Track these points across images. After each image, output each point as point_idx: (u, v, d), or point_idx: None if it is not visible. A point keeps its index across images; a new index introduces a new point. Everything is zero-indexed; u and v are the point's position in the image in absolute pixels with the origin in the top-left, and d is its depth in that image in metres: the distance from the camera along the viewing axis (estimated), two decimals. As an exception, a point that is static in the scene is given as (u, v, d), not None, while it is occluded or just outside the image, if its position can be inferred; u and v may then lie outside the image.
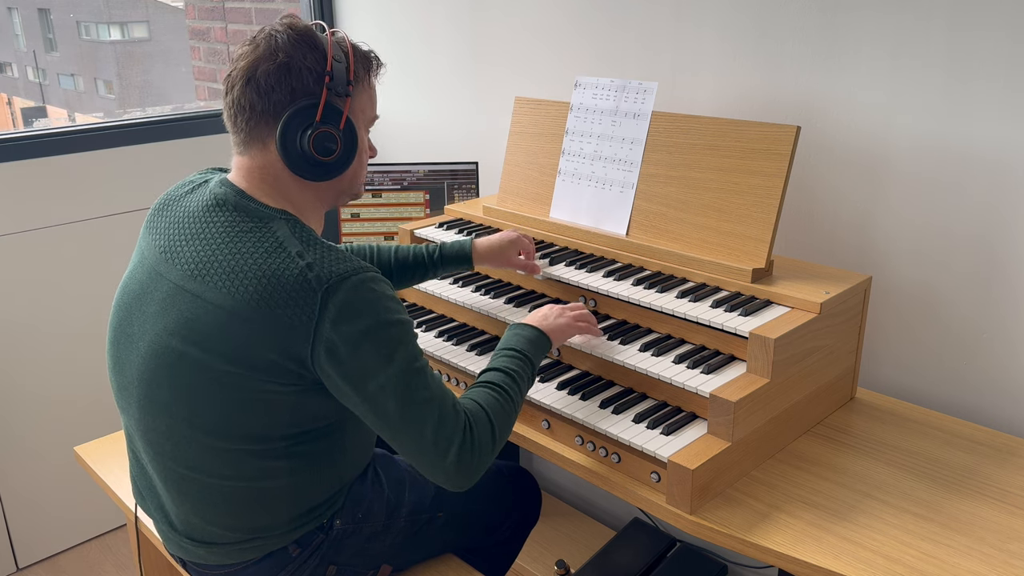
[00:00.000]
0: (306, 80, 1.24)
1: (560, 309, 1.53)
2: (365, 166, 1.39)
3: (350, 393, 1.20)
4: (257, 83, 1.23)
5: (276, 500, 1.30)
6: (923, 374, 1.71)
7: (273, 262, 1.19)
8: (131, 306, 1.30)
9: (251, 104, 1.24)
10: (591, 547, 2.21)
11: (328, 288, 1.17)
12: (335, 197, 1.37)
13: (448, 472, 1.24)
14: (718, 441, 1.34)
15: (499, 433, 1.30)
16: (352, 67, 1.28)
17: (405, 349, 1.22)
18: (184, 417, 1.24)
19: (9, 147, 2.28)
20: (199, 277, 1.21)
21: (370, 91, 1.35)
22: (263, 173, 1.28)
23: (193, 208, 1.30)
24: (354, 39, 1.33)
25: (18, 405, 2.42)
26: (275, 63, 1.23)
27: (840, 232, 1.76)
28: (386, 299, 1.21)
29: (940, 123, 1.57)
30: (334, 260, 1.20)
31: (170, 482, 1.31)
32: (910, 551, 1.21)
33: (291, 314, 1.16)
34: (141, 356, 1.26)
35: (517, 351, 1.41)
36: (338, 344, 1.17)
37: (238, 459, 1.25)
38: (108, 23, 2.99)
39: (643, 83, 1.76)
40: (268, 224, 1.24)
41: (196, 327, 1.20)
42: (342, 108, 1.27)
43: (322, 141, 1.24)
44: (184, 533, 1.35)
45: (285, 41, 1.24)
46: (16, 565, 2.52)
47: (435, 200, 2.37)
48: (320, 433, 1.29)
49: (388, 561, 1.48)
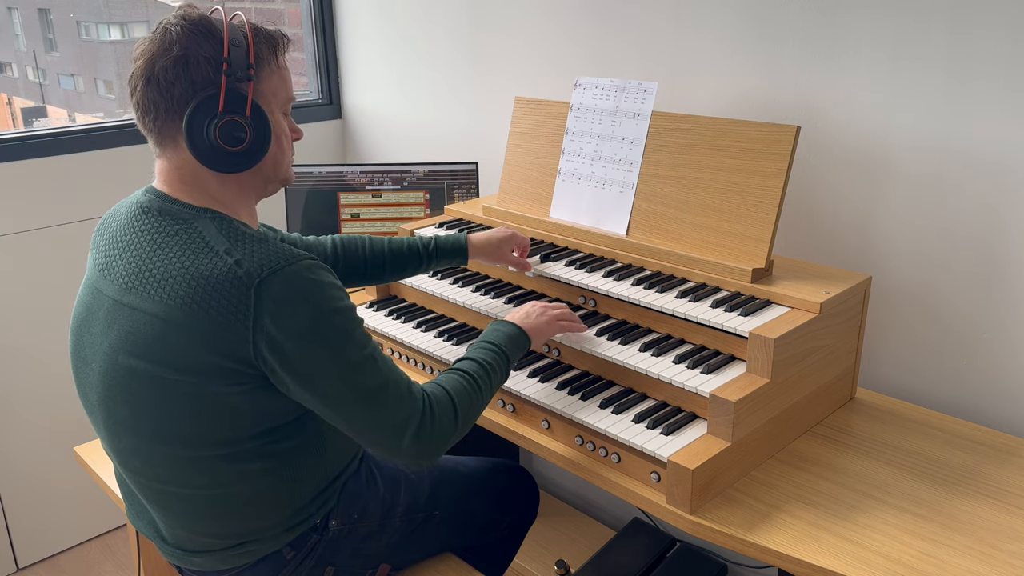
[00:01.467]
0: (205, 70, 1.19)
1: (542, 307, 1.53)
2: (287, 150, 1.32)
3: (298, 388, 1.18)
4: (157, 80, 1.19)
5: (258, 502, 1.28)
6: (923, 374, 1.71)
7: (201, 263, 1.16)
8: (80, 328, 1.29)
9: (154, 103, 1.20)
10: (591, 547, 2.21)
11: (260, 282, 1.14)
12: (262, 186, 1.31)
13: (406, 455, 1.24)
14: (718, 441, 1.34)
15: (462, 418, 1.30)
16: (252, 50, 1.22)
17: (351, 337, 1.20)
18: (147, 433, 1.22)
19: (9, 147, 2.28)
20: (133, 289, 1.19)
21: (280, 71, 1.28)
22: (181, 173, 1.25)
23: (123, 220, 1.28)
24: (254, 20, 1.27)
25: (18, 405, 2.42)
26: (171, 57, 1.18)
27: (840, 232, 1.76)
28: (325, 287, 1.19)
29: (940, 123, 1.57)
30: (264, 253, 1.17)
31: (150, 499, 1.31)
32: (910, 551, 1.21)
33: (225, 314, 1.14)
34: (96, 377, 1.25)
35: (495, 345, 1.42)
36: (280, 340, 1.15)
37: (209, 467, 1.23)
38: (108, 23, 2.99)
39: (643, 83, 1.76)
40: (193, 224, 1.21)
41: (138, 340, 1.18)
42: (246, 93, 1.21)
43: (229, 131, 1.19)
44: (175, 545, 1.35)
45: (179, 33, 1.19)
46: (16, 565, 2.52)
47: (435, 200, 2.37)
48: (289, 430, 1.27)
49: (386, 560, 1.48)
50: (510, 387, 1.55)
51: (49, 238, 2.39)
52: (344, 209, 2.36)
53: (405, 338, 1.78)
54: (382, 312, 1.91)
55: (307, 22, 2.88)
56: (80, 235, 2.43)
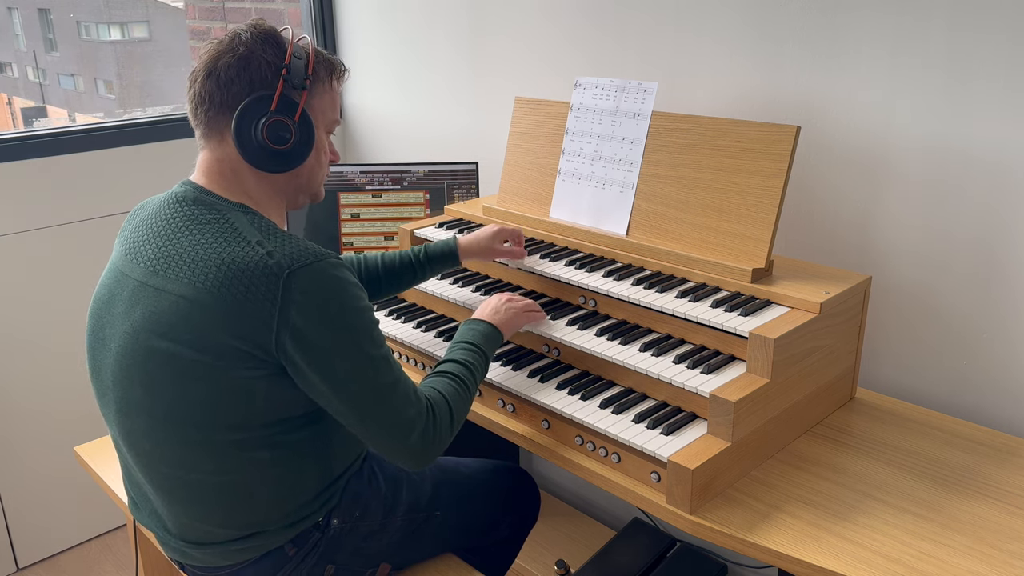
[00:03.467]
0: (264, 73, 1.26)
1: (507, 300, 1.59)
2: (325, 167, 1.40)
3: (315, 379, 1.21)
4: (218, 75, 1.26)
5: (264, 494, 1.29)
6: (923, 374, 1.71)
7: (233, 250, 1.20)
8: (101, 311, 1.31)
9: (210, 95, 1.27)
10: (591, 547, 2.21)
11: (290, 274, 1.17)
12: (293, 194, 1.37)
13: (411, 453, 1.29)
14: (718, 441, 1.34)
15: (456, 419, 1.36)
16: (311, 65, 1.30)
17: (370, 336, 1.25)
18: (160, 413, 1.24)
19: (9, 147, 2.28)
20: (161, 272, 1.22)
21: (332, 94, 1.36)
22: (221, 166, 1.30)
23: (154, 208, 1.32)
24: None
25: (18, 405, 2.42)
26: (236, 56, 1.26)
27: (840, 232, 1.76)
28: (350, 285, 1.23)
29: (940, 123, 1.57)
30: (294, 247, 1.21)
31: (157, 484, 1.31)
32: (910, 551, 1.21)
33: (253, 300, 1.17)
34: (113, 358, 1.27)
35: (473, 345, 1.48)
36: (304, 331, 1.18)
37: (219, 452, 1.25)
38: (108, 23, 2.99)
39: (643, 83, 1.76)
40: (226, 215, 1.25)
41: (161, 319, 1.21)
42: (298, 100, 1.29)
43: (276, 130, 1.26)
44: (179, 536, 1.35)
45: (248, 38, 1.27)
46: (16, 565, 2.52)
47: (435, 200, 2.37)
48: (300, 422, 1.29)
49: (387, 560, 1.48)
50: (510, 387, 1.55)
51: (49, 238, 2.39)
52: (344, 209, 2.36)
53: (405, 338, 1.78)
54: (382, 312, 1.91)
55: (307, 22, 2.88)
56: (81, 235, 2.43)
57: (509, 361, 1.64)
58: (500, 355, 1.66)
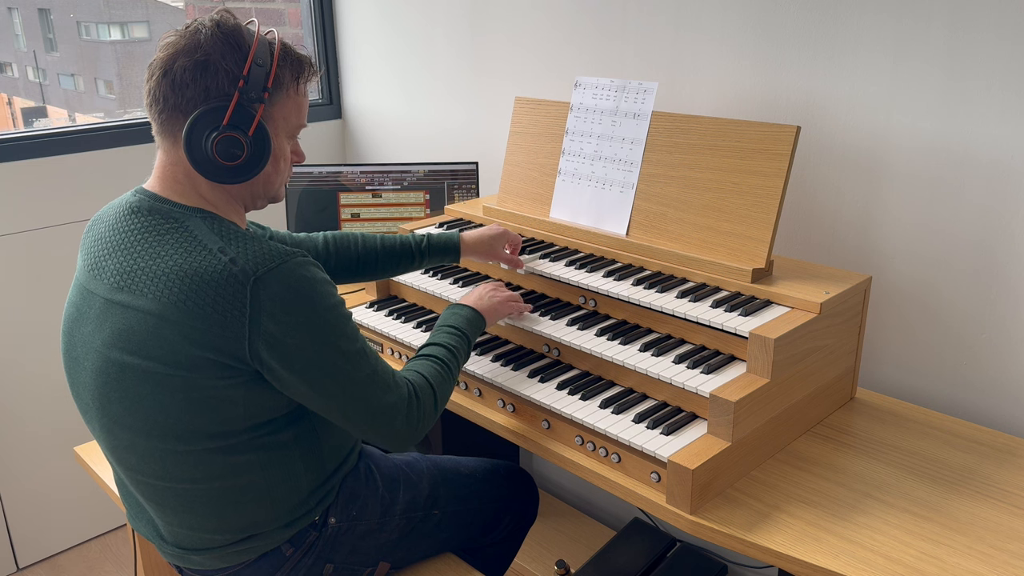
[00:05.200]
0: (221, 81, 1.20)
1: (492, 289, 1.62)
2: (283, 172, 1.33)
3: (294, 381, 1.20)
4: (173, 76, 1.20)
5: (255, 496, 1.29)
6: (923, 374, 1.71)
7: (195, 260, 1.17)
8: (72, 330, 1.30)
9: (164, 97, 1.21)
10: (591, 547, 2.21)
11: (256, 280, 1.16)
12: (250, 199, 1.32)
13: (397, 436, 1.31)
14: (718, 441, 1.34)
15: (440, 401, 1.38)
16: (274, 72, 1.23)
17: (344, 332, 1.24)
18: (142, 428, 1.23)
19: (9, 147, 2.28)
20: (125, 287, 1.20)
21: (297, 98, 1.30)
22: (175, 171, 1.26)
23: (111, 220, 1.29)
24: (287, 41, 1.29)
25: (18, 405, 2.42)
26: (193, 59, 1.19)
27: (840, 232, 1.76)
28: (318, 283, 1.21)
29: (940, 123, 1.57)
30: (257, 251, 1.18)
31: (148, 496, 1.31)
32: (910, 551, 1.21)
33: (221, 311, 1.15)
34: (89, 375, 1.26)
35: (456, 328, 1.49)
36: (278, 336, 1.17)
37: (204, 460, 1.24)
38: (108, 23, 2.99)
39: (643, 83, 1.76)
40: (184, 223, 1.22)
41: (131, 337, 1.19)
42: (255, 113, 1.22)
43: (226, 146, 1.20)
44: (174, 543, 1.35)
45: (208, 37, 1.20)
46: (16, 565, 2.52)
47: (435, 200, 2.37)
48: (283, 423, 1.28)
49: (385, 559, 1.48)
50: (510, 387, 1.55)
51: (49, 238, 2.39)
52: (344, 209, 2.36)
53: (405, 338, 1.78)
54: (382, 312, 1.91)
55: (307, 22, 2.88)
56: (80, 235, 2.43)
57: (509, 361, 1.64)
58: (500, 355, 1.66)
